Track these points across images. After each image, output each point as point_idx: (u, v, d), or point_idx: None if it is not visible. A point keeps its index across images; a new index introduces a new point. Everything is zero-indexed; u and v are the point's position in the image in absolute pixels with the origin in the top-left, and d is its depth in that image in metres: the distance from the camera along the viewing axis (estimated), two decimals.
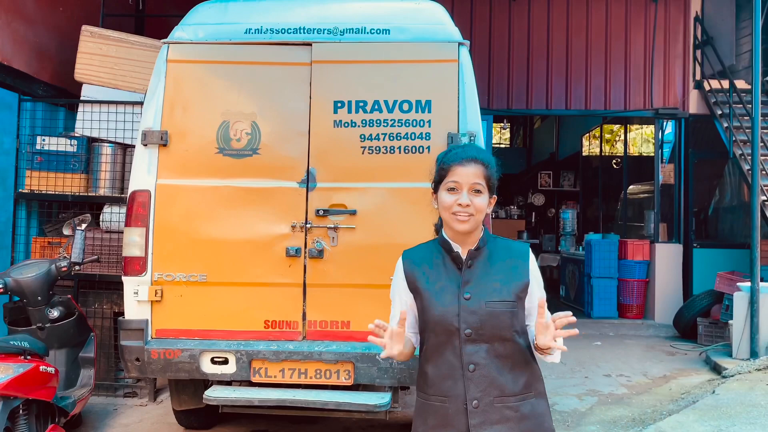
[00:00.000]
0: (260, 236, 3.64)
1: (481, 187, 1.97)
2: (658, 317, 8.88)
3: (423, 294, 2.01)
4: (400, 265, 2.10)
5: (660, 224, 9.24)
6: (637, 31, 9.14)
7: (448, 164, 1.99)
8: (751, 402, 4.92)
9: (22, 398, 3.42)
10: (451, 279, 1.99)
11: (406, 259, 2.09)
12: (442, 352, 1.97)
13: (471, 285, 1.97)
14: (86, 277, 5.09)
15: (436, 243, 2.08)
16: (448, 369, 1.96)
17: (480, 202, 1.96)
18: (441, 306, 1.96)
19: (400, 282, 2.08)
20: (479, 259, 2.01)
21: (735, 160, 8.17)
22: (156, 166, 3.67)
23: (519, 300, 1.99)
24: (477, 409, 1.92)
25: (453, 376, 1.95)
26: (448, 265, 2.02)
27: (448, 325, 1.95)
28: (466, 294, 1.96)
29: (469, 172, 1.96)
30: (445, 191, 1.98)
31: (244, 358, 3.53)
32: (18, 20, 5.73)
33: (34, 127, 5.60)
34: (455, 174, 1.97)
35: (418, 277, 2.03)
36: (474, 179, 1.96)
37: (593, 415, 5.14)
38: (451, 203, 1.96)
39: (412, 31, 3.75)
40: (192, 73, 3.76)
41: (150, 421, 4.81)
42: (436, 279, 2.01)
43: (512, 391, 1.95)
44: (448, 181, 1.97)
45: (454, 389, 1.94)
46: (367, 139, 3.67)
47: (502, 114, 10.39)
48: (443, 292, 1.98)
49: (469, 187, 1.95)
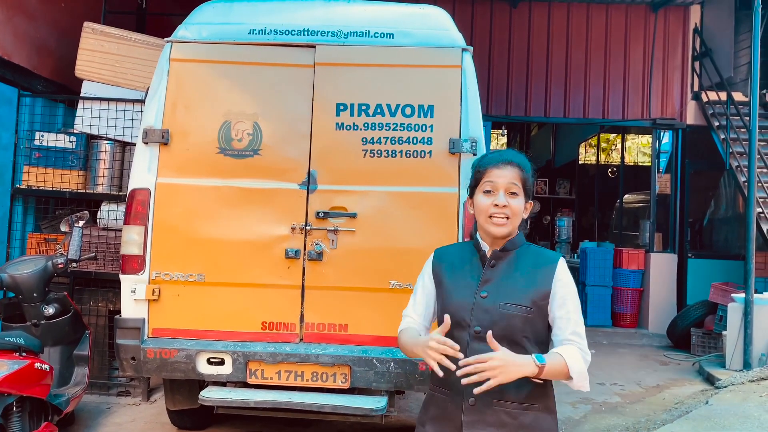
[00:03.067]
0: (259, 237, 3.64)
1: (517, 189, 1.96)
2: (652, 327, 8.90)
3: (445, 287, 2.04)
4: (430, 259, 2.14)
5: (655, 234, 9.27)
6: (637, 42, 9.19)
7: (485, 167, 1.99)
8: (744, 413, 4.93)
9: (16, 395, 3.40)
10: (473, 276, 2.01)
11: (437, 253, 2.14)
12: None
13: (490, 284, 1.97)
14: (82, 274, 5.06)
15: (470, 244, 2.10)
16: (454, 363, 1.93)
17: (517, 204, 1.96)
18: (456, 300, 1.98)
19: (426, 272, 2.12)
20: (504, 260, 2.00)
21: (731, 171, 8.21)
22: (156, 164, 3.66)
23: (537, 307, 1.95)
24: (473, 407, 1.91)
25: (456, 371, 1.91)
26: (474, 264, 2.03)
27: (460, 320, 1.95)
28: (483, 292, 1.96)
29: (506, 174, 1.95)
30: (481, 194, 1.98)
31: (241, 359, 3.52)
32: (19, 15, 5.71)
33: (32, 123, 5.58)
34: (491, 176, 1.96)
35: (444, 270, 2.06)
36: (511, 180, 1.95)
37: (587, 424, 5.14)
38: (488, 205, 1.96)
39: (416, 36, 3.76)
40: (194, 72, 3.75)
41: (143, 420, 4.78)
42: (460, 275, 2.03)
43: (513, 398, 1.91)
44: (485, 183, 1.97)
45: (456, 384, 1.91)
46: (369, 142, 3.67)
47: (501, 120, 10.40)
48: (462, 288, 2.00)
49: (505, 188, 1.95)
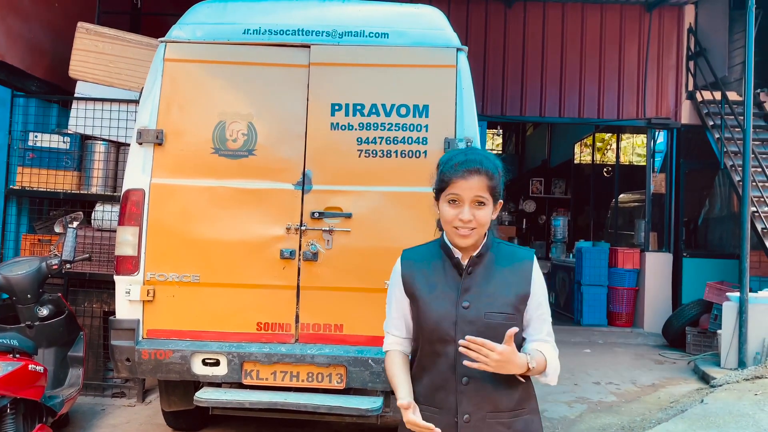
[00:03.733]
0: (254, 238, 3.63)
1: (484, 199, 1.86)
2: (647, 326, 8.92)
3: (420, 299, 1.92)
4: (398, 266, 2.01)
5: (650, 233, 9.30)
6: (631, 41, 9.21)
7: (450, 176, 1.87)
8: (739, 412, 4.95)
9: (10, 397, 3.37)
10: (450, 285, 1.91)
11: (405, 260, 2.01)
12: (436, 361, 1.90)
13: (470, 293, 1.89)
14: (76, 275, 5.04)
15: (437, 245, 1.98)
16: (441, 380, 1.88)
17: (483, 215, 1.86)
18: (437, 313, 1.88)
19: (397, 284, 1.99)
20: (480, 265, 1.92)
21: (726, 170, 8.24)
22: (151, 165, 3.65)
23: (518, 312, 1.91)
24: (468, 423, 1.85)
25: (445, 388, 1.88)
26: (448, 270, 1.93)
27: (444, 334, 1.87)
28: (465, 303, 1.88)
29: (472, 186, 1.84)
30: (446, 203, 1.88)
31: (236, 360, 3.51)
32: (12, 15, 5.68)
33: (26, 123, 5.55)
34: (456, 187, 1.85)
35: (416, 280, 1.95)
36: (477, 192, 1.85)
37: (583, 423, 5.15)
38: (453, 217, 1.86)
39: (411, 36, 3.75)
40: (189, 72, 3.74)
41: (138, 422, 4.77)
42: (435, 284, 1.92)
43: (506, 407, 1.88)
44: (449, 194, 1.87)
45: (446, 401, 1.86)
46: (364, 142, 3.67)
47: (496, 120, 10.42)
48: (441, 299, 1.90)
49: (471, 200, 1.85)
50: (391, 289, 2.03)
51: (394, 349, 2.01)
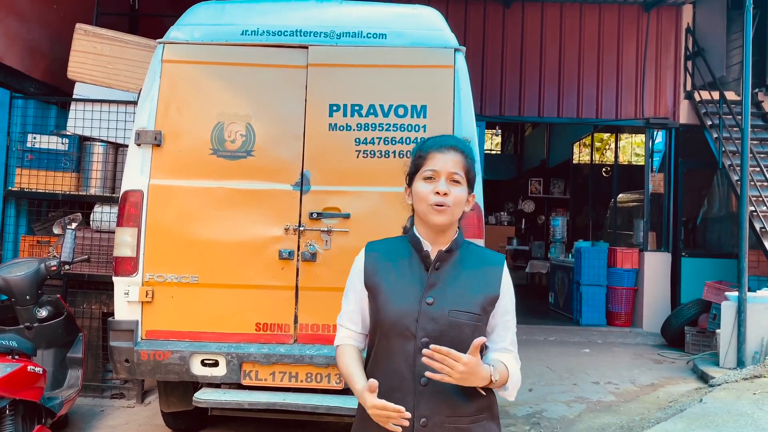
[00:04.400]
0: (253, 238, 3.63)
1: (459, 177, 1.82)
2: (646, 325, 8.93)
3: (380, 292, 1.83)
4: (361, 257, 1.93)
5: (649, 233, 9.31)
6: (630, 41, 9.22)
7: (426, 151, 1.84)
8: (738, 411, 4.95)
9: (9, 398, 3.37)
10: (414, 279, 1.82)
11: (369, 251, 1.92)
12: (393, 359, 1.79)
13: (436, 289, 1.80)
14: (75, 276, 5.04)
15: (405, 240, 1.91)
16: (397, 380, 1.78)
17: (458, 192, 1.81)
18: (398, 307, 1.79)
19: (357, 275, 1.91)
20: (449, 262, 1.84)
21: (724, 170, 8.25)
22: (149, 166, 3.65)
23: (485, 314, 1.83)
24: (425, 428, 1.75)
25: (402, 389, 1.77)
26: (414, 265, 1.85)
27: (404, 330, 1.77)
28: (429, 298, 1.79)
29: (448, 159, 1.81)
30: (421, 181, 1.83)
31: (235, 360, 3.51)
32: (11, 17, 5.68)
33: (25, 125, 5.55)
34: (433, 161, 1.82)
35: (378, 272, 1.86)
36: (453, 167, 1.81)
37: (582, 422, 5.15)
38: (428, 192, 1.80)
39: (409, 36, 3.76)
40: (187, 73, 3.75)
41: (137, 423, 4.77)
42: (399, 277, 1.84)
43: (466, 411, 1.78)
44: (426, 170, 1.82)
45: (402, 403, 1.72)
46: (362, 142, 3.67)
47: (495, 120, 10.42)
48: (403, 293, 1.81)
49: (447, 175, 1.80)
50: (350, 280, 1.94)
51: (346, 343, 1.93)
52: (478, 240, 3.53)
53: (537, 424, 5.02)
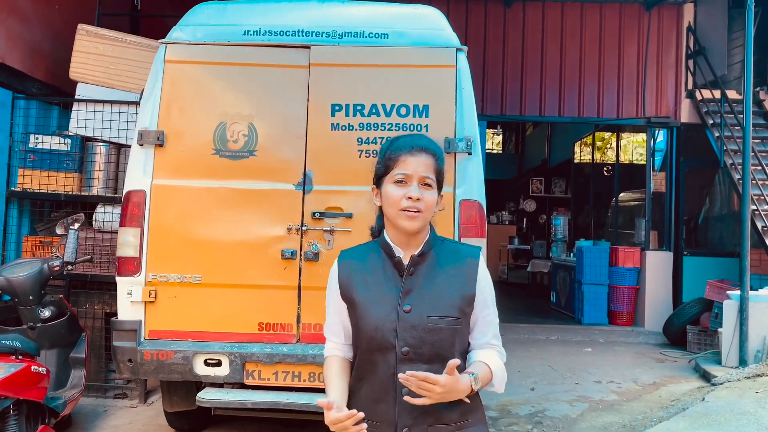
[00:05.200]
0: (256, 238, 3.63)
1: (431, 181, 1.76)
2: (648, 324, 8.93)
3: (357, 304, 1.78)
4: (335, 269, 1.87)
5: (651, 232, 9.30)
6: (631, 40, 9.22)
7: (397, 153, 1.77)
8: (740, 410, 4.95)
9: (13, 398, 3.39)
10: (390, 288, 1.77)
11: (342, 261, 1.87)
12: (375, 371, 1.76)
13: (412, 296, 1.75)
14: (78, 277, 5.06)
15: (377, 245, 1.85)
16: (381, 391, 1.75)
17: (430, 197, 1.76)
18: (376, 319, 1.74)
19: (334, 288, 1.86)
20: (423, 265, 1.79)
21: (725, 169, 8.25)
22: (152, 166, 3.66)
23: (464, 315, 1.78)
24: None
25: (385, 400, 1.74)
26: (388, 272, 1.80)
27: (384, 342, 1.73)
28: (406, 306, 1.74)
29: (420, 163, 1.75)
30: (391, 184, 1.76)
31: (238, 360, 3.52)
32: (13, 18, 5.70)
33: (27, 125, 5.57)
34: (404, 164, 1.75)
35: (354, 283, 1.81)
36: (424, 171, 1.75)
37: (584, 422, 5.16)
38: (400, 197, 1.74)
39: (411, 36, 3.76)
40: (189, 73, 3.75)
41: (140, 422, 4.78)
42: (374, 287, 1.79)
43: (450, 419, 1.74)
44: (396, 174, 1.75)
45: (386, 414, 1.72)
46: (364, 142, 3.67)
47: (496, 120, 10.43)
48: (380, 303, 1.76)
49: (419, 179, 1.74)
50: (328, 294, 1.89)
51: (333, 355, 1.89)
52: (480, 240, 3.53)
53: (539, 423, 5.02)
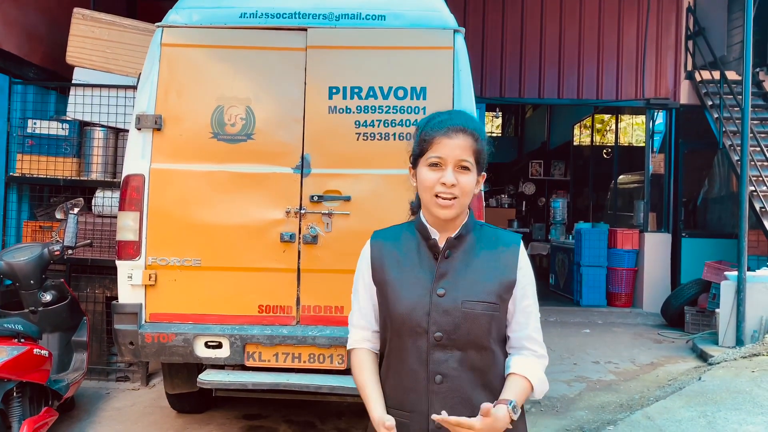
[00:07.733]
0: (254, 221, 3.65)
1: (468, 164, 1.65)
2: (646, 306, 8.98)
3: (388, 285, 1.70)
4: (367, 249, 1.79)
5: (649, 214, 9.32)
6: (630, 21, 9.16)
7: (432, 134, 1.66)
8: (736, 388, 5.01)
9: (16, 381, 3.43)
10: (424, 270, 1.69)
11: (375, 241, 1.79)
12: (405, 358, 1.67)
13: (447, 279, 1.67)
14: (78, 261, 5.09)
15: (411, 226, 1.77)
16: (411, 379, 1.66)
17: (467, 181, 1.65)
18: (408, 301, 1.66)
19: (365, 269, 1.78)
20: (460, 248, 1.70)
21: (724, 150, 8.24)
22: (150, 150, 3.66)
23: (502, 302, 1.68)
24: (441, 429, 1.59)
25: (416, 389, 1.65)
26: (423, 254, 1.71)
27: (415, 326, 1.65)
28: (440, 290, 1.65)
29: (456, 145, 1.63)
30: (425, 167, 1.66)
31: (238, 342, 3.55)
32: (8, 2, 5.67)
33: (25, 111, 5.56)
34: (439, 147, 1.64)
35: (386, 264, 1.73)
36: (461, 154, 1.64)
37: (582, 401, 5.21)
38: (433, 182, 1.64)
39: (408, 18, 3.75)
40: (186, 57, 3.74)
41: (142, 404, 4.83)
42: (407, 269, 1.70)
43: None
44: (431, 156, 1.65)
45: (417, 404, 1.64)
46: (362, 125, 3.68)
47: (495, 102, 10.41)
48: (413, 285, 1.67)
49: (455, 163, 1.64)
50: (358, 275, 1.81)
51: (361, 347, 1.79)
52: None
53: (537, 402, 5.07)
